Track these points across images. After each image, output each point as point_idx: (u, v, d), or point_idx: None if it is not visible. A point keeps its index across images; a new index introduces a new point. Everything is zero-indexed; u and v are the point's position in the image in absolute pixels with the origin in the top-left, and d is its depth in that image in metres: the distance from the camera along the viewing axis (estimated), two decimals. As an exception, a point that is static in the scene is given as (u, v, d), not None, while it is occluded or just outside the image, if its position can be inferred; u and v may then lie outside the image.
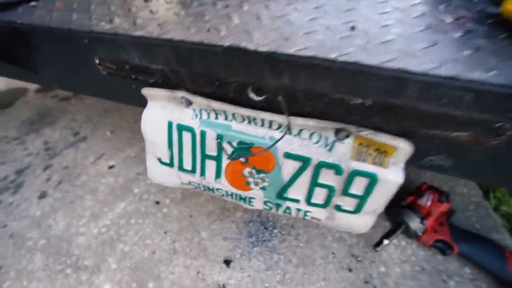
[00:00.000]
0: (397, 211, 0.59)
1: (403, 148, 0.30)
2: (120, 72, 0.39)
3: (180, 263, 0.57)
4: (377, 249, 0.55)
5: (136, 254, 0.59)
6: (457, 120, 0.26)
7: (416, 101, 0.26)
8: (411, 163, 0.32)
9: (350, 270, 0.55)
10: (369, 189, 0.33)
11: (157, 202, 0.70)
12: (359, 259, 0.56)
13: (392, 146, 0.30)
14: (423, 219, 0.55)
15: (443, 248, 0.54)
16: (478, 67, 0.24)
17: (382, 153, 0.31)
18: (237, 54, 0.29)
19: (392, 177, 0.31)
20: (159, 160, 0.45)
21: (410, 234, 0.57)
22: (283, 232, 0.61)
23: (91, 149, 0.89)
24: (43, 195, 0.74)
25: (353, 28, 0.30)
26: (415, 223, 0.56)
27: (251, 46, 0.28)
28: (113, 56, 0.37)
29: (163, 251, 0.59)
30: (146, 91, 0.40)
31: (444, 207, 0.57)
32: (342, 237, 0.60)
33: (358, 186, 0.33)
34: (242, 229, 0.62)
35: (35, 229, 0.66)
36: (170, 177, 0.47)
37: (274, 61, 0.28)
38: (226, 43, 0.29)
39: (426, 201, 0.57)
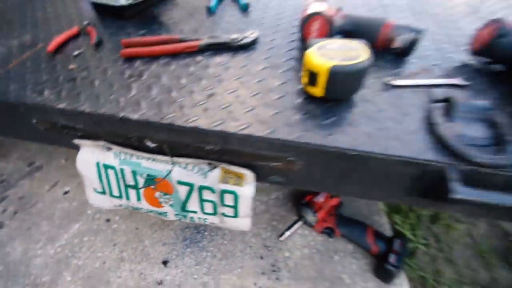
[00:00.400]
0: (298, 208, 0.76)
1: (249, 174, 0.45)
2: (54, 128, 0.51)
3: (126, 268, 0.70)
4: (280, 239, 0.71)
5: (89, 266, 0.71)
6: (271, 157, 0.42)
7: (241, 147, 0.41)
8: (261, 181, 0.47)
9: (261, 258, 0.71)
10: (236, 201, 0.48)
11: (108, 220, 0.81)
12: (270, 248, 0.72)
13: (242, 173, 0.46)
14: (315, 212, 0.72)
15: (329, 232, 0.71)
16: (266, 128, 0.40)
17: (238, 177, 0.47)
18: (128, 121, 0.43)
19: (247, 192, 0.47)
20: (95, 190, 0.58)
21: (308, 225, 0.74)
22: (212, 233, 0.76)
23: (46, 177, 0.97)
24: None
25: (209, 96, 0.45)
26: (310, 216, 0.73)
27: (135, 116, 0.42)
28: (45, 119, 0.49)
29: (112, 261, 0.71)
30: (76, 141, 0.52)
31: (334, 201, 0.75)
32: (259, 233, 0.76)
33: (229, 200, 0.49)
34: (178, 235, 0.76)
35: (-7, 257, 0.75)
36: (105, 202, 0.59)
37: (151, 125, 0.42)
38: (121, 114, 0.43)
39: (320, 198, 0.75)
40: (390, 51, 0.52)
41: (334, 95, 0.41)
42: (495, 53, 0.47)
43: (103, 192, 0.57)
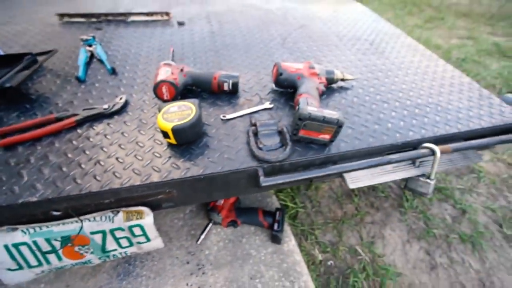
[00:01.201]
0: (207, 213, 0.96)
1: (145, 209, 0.62)
2: None
3: (70, 323, 0.77)
4: (198, 242, 0.90)
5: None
6: (153, 194, 0.59)
7: (130, 194, 0.57)
8: (157, 210, 0.64)
9: (188, 262, 0.88)
10: (143, 230, 0.64)
11: (34, 291, 0.84)
12: (193, 253, 0.90)
13: (140, 210, 0.62)
14: (219, 213, 0.93)
15: (233, 224, 0.94)
16: (143, 177, 0.57)
17: (138, 213, 0.62)
18: (28, 204, 0.53)
19: (149, 221, 0.63)
20: (9, 269, 0.64)
21: (217, 224, 0.95)
22: (142, 260, 0.89)
23: None
24: None
25: (95, 163, 0.59)
26: (216, 217, 0.93)
27: (34, 199, 0.53)
28: None
29: (52, 323, 0.77)
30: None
31: (231, 200, 0.97)
32: (182, 244, 0.92)
33: (138, 231, 0.64)
34: (112, 274, 0.86)
35: None
36: (24, 276, 0.66)
37: (52, 201, 0.54)
38: (20, 200, 0.53)
39: (220, 201, 0.96)
40: (224, 92, 0.76)
41: (183, 142, 0.61)
42: (281, 84, 0.75)
43: (20, 268, 0.64)
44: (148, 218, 0.63)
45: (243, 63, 0.91)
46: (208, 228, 0.93)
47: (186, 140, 0.62)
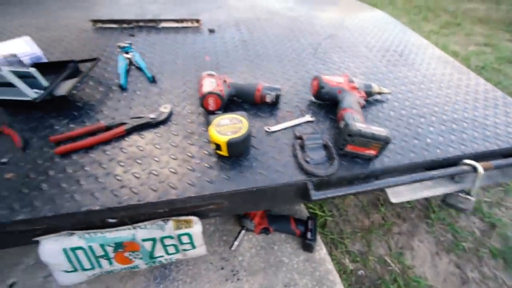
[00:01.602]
0: (239, 220, 0.98)
1: (194, 218, 0.64)
2: (10, 234, 0.58)
3: (110, 324, 0.79)
4: (232, 248, 0.92)
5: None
6: (205, 205, 0.61)
7: (183, 205, 0.59)
8: (204, 218, 0.66)
9: (222, 268, 0.90)
10: (191, 238, 0.66)
11: (74, 293, 0.87)
12: (226, 259, 0.92)
13: (189, 219, 0.64)
14: (252, 220, 0.95)
15: (265, 231, 0.96)
16: (196, 188, 0.59)
17: (188, 222, 0.65)
18: (90, 212, 0.55)
19: (197, 230, 0.65)
20: (65, 271, 0.67)
21: (249, 230, 0.97)
22: (178, 264, 0.91)
23: (-16, 276, 0.93)
24: None
25: (149, 173, 0.61)
26: (248, 224, 0.95)
27: (96, 207, 0.55)
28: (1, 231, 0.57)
29: (94, 324, 0.80)
30: (37, 238, 0.61)
31: (263, 206, 0.99)
32: (215, 250, 0.94)
33: (185, 239, 0.66)
34: (149, 277, 0.88)
35: None
36: (77, 277, 0.69)
37: (112, 210, 0.56)
38: (83, 209, 0.55)
39: (252, 207, 0.98)
40: (265, 104, 0.77)
41: (235, 154, 0.63)
42: (322, 97, 0.77)
43: (75, 270, 0.66)
44: (196, 227, 0.65)
45: (278, 73, 0.93)
46: (241, 235, 0.95)
47: (238, 153, 0.64)
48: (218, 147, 0.62)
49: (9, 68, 0.68)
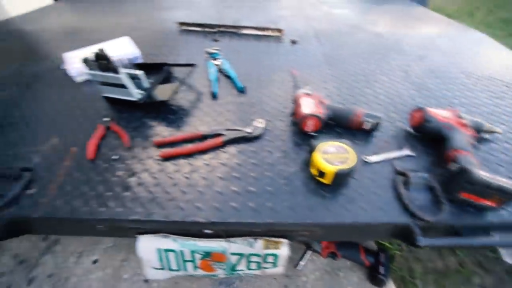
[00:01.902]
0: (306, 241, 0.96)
1: (284, 241, 0.63)
2: (118, 229, 0.63)
3: (177, 321, 0.83)
4: (297, 268, 0.91)
5: (144, 326, 0.83)
6: (299, 230, 0.60)
7: (280, 228, 0.59)
8: (292, 241, 0.65)
9: (286, 286, 0.89)
10: (276, 259, 0.66)
11: (146, 281, 0.93)
12: (291, 277, 0.91)
13: (280, 241, 0.63)
14: (319, 242, 0.93)
15: (332, 256, 0.93)
16: (295, 214, 0.58)
17: (277, 244, 0.64)
18: (195, 223, 0.57)
19: (285, 253, 0.65)
20: (153, 267, 0.71)
21: (316, 252, 0.95)
22: (241, 274, 0.92)
23: (68, 249, 1.04)
24: (42, 307, 0.89)
25: (248, 192, 0.62)
26: (316, 246, 0.93)
27: (202, 220, 0.57)
28: (112, 226, 0.61)
29: (163, 317, 0.84)
30: (137, 236, 0.65)
31: (330, 228, 0.97)
32: (278, 265, 0.94)
33: (270, 259, 0.66)
34: (214, 281, 0.91)
35: (49, 338, 0.82)
36: (163, 275, 0.72)
37: (215, 224, 0.57)
38: (189, 219, 0.57)
39: (319, 228, 0.96)
40: (361, 130, 0.74)
41: (337, 184, 0.61)
42: (425, 131, 0.71)
43: (162, 268, 0.70)
44: (284, 249, 0.65)
45: (367, 96, 0.89)
46: (307, 255, 0.93)
47: (341, 182, 0.62)
48: (321, 174, 0.60)
49: (126, 71, 0.73)
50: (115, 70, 0.71)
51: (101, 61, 0.69)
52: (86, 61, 0.72)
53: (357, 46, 1.16)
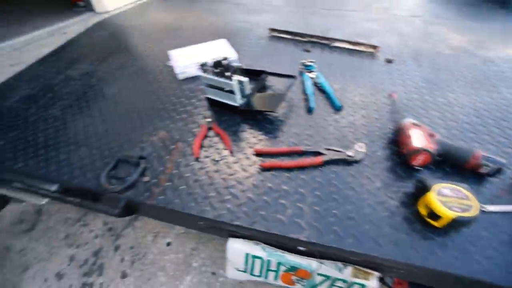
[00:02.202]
0: (376, 269, 0.92)
1: (377, 274, 0.61)
2: (215, 229, 0.67)
3: (242, 320, 0.87)
4: (366, 298, 0.88)
5: (210, 317, 0.88)
6: (398, 268, 0.58)
7: (378, 260, 0.57)
8: (383, 274, 0.63)
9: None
10: (362, 289, 0.65)
11: (213, 273, 0.98)
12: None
13: (370, 272, 0.62)
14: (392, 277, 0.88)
15: (405, 293, 0.88)
16: (399, 251, 0.56)
17: (367, 275, 0.63)
18: (294, 239, 0.59)
19: (372, 285, 0.63)
20: (236, 268, 0.74)
21: (386, 286, 0.91)
22: (305, 289, 0.92)
23: (146, 227, 1.14)
24: (124, 275, 1.00)
25: (349, 218, 0.61)
26: (388, 280, 0.89)
27: (303, 238, 0.58)
28: (212, 225, 0.65)
29: (227, 312, 0.88)
30: (231, 239, 0.68)
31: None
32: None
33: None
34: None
35: (129, 305, 0.93)
36: (242, 276, 0.76)
37: (315, 245, 0.58)
38: (290, 235, 0.59)
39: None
40: (475, 173, 0.68)
41: (451, 229, 0.57)
42: None
43: (245, 271, 0.74)
44: (373, 282, 0.63)
45: (480, 134, 0.80)
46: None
47: (455, 229, 0.58)
48: (433, 216, 0.57)
49: (237, 78, 0.77)
50: (229, 77, 0.75)
51: (220, 68, 0.74)
52: (203, 65, 0.77)
53: (462, 72, 1.06)
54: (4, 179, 0.75)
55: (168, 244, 1.07)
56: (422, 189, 0.60)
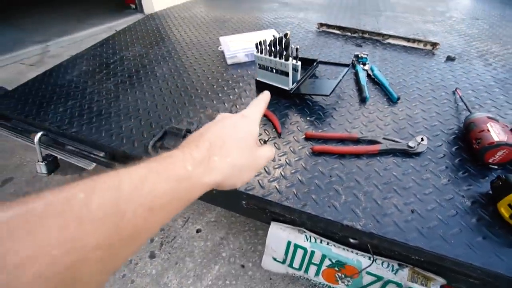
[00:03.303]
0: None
1: (440, 280, 0.53)
2: (258, 210, 0.63)
3: (271, 318, 0.81)
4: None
5: (237, 309, 0.83)
6: (468, 274, 0.49)
7: (445, 264, 0.49)
8: (448, 281, 0.55)
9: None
10: (419, 298, 0.56)
11: (242, 266, 0.94)
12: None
13: (431, 277, 0.54)
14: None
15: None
16: (475, 255, 0.48)
17: (427, 279, 0.55)
18: (347, 227, 0.53)
19: (434, 292, 0.55)
20: (274, 258, 0.69)
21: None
22: None
23: (178, 211, 1.13)
24: (152, 255, 0.99)
25: (412, 211, 0.54)
26: None
27: (358, 227, 0.52)
28: (257, 205, 0.61)
29: (256, 308, 0.83)
30: (274, 223, 0.64)
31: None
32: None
33: (412, 296, 0.57)
34: (306, 286, 0.85)
35: (155, 286, 0.91)
36: (279, 268, 0.70)
37: (370, 235, 0.52)
38: (344, 222, 0.53)
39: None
40: None
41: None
42: None
43: (283, 262, 0.68)
44: (435, 288, 0.55)
45: None
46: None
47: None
48: (521, 220, 0.48)
49: (295, 62, 0.75)
50: (286, 58, 0.73)
51: (278, 47, 0.72)
52: (259, 44, 0.76)
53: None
54: (59, 142, 0.78)
55: (198, 231, 1.05)
56: (505, 187, 0.52)
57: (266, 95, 0.42)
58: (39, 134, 0.76)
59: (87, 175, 0.21)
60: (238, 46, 1.01)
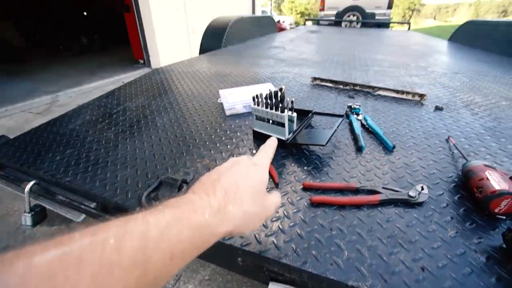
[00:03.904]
0: None
1: None
2: (255, 268, 0.58)
3: None
4: None
5: None
6: None
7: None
8: None
9: None
10: None
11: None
12: None
13: None
14: None
15: None
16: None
17: None
18: (356, 290, 0.48)
19: None
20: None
21: None
22: None
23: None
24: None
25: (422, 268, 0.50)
26: None
27: (363, 286, 0.47)
28: (253, 262, 0.57)
29: None
30: (272, 283, 0.58)
31: None
32: None
33: None
34: None
35: None
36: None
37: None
38: (349, 282, 0.48)
39: None
40: None
41: None
42: None
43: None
44: None
45: None
46: None
47: None
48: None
49: (291, 113, 0.78)
50: (282, 110, 0.76)
51: (274, 100, 0.75)
52: (256, 97, 0.79)
53: (527, 123, 0.97)
54: (51, 191, 0.76)
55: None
56: (517, 241, 0.49)
57: (273, 141, 0.43)
58: (31, 183, 0.75)
59: (76, 225, 0.22)
60: (237, 98, 1.06)
